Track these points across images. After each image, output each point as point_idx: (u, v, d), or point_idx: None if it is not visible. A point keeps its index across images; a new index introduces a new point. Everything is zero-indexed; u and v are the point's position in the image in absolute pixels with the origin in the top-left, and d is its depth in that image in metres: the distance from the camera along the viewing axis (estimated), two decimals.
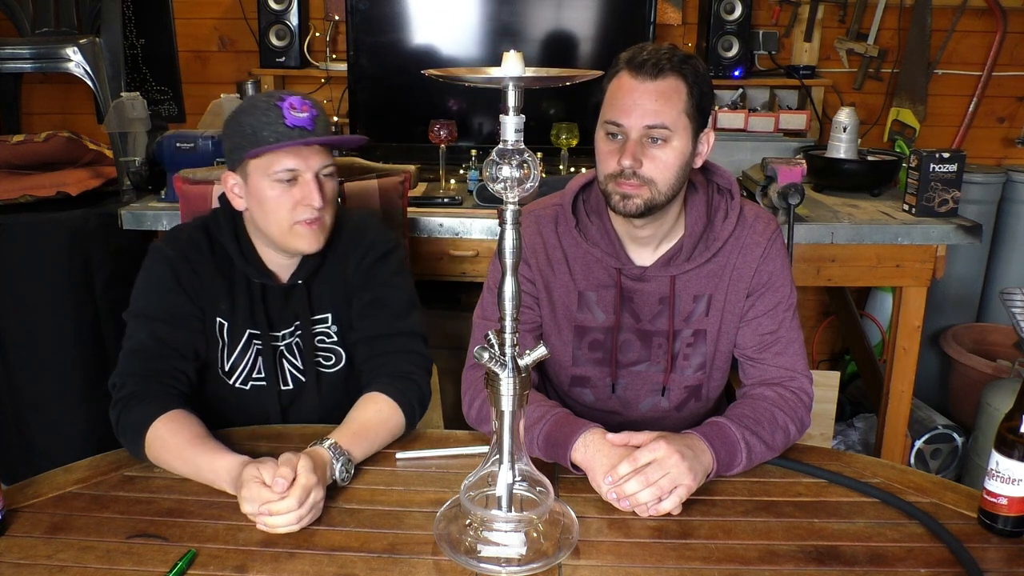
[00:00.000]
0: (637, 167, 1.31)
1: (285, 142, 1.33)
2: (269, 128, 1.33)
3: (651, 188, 1.32)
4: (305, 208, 1.37)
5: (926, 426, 2.75)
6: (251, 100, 1.39)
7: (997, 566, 1.07)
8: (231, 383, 1.48)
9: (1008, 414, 1.12)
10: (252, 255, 1.45)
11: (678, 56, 1.30)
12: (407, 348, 1.45)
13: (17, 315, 2.31)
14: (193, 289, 1.42)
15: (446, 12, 2.70)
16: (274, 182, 1.36)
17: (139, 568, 1.04)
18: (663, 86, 1.29)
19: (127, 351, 1.37)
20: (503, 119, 0.97)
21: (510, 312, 1.03)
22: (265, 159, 1.35)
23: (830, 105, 3.09)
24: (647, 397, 1.49)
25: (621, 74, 1.31)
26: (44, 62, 2.62)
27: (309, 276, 1.47)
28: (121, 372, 1.35)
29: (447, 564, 1.06)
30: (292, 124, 1.33)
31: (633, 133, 1.30)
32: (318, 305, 1.49)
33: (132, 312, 1.41)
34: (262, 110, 1.34)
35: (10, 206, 2.32)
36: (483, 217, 2.18)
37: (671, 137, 1.30)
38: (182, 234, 1.46)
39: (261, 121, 1.34)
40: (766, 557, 1.08)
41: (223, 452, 1.21)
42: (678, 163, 1.32)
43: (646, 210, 1.33)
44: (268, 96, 1.37)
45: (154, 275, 1.42)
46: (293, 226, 1.38)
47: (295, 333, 1.49)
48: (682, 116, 1.30)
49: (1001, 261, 3.17)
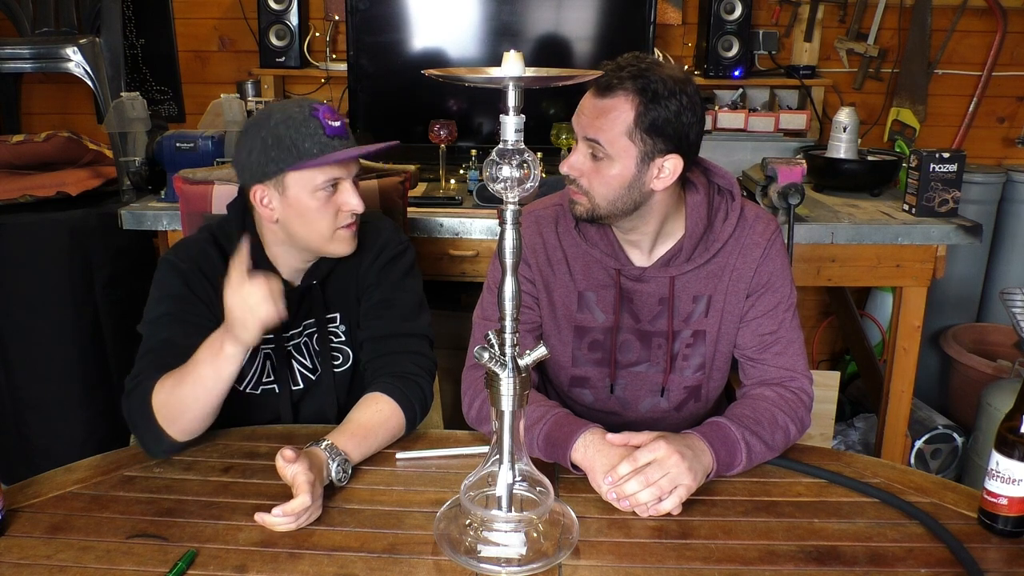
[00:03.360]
0: (575, 175, 1.32)
1: (335, 154, 1.32)
2: (311, 140, 1.32)
3: (590, 199, 1.33)
4: (346, 214, 1.39)
5: (926, 426, 2.75)
6: (283, 112, 1.35)
7: (997, 566, 1.07)
8: (241, 388, 1.48)
9: (1008, 414, 1.12)
10: (264, 262, 1.44)
11: (642, 79, 1.25)
12: (412, 349, 1.45)
13: (17, 315, 2.31)
14: (208, 299, 1.41)
15: (446, 12, 2.70)
16: (318, 192, 1.35)
17: (139, 568, 1.04)
18: (608, 104, 1.27)
19: (142, 353, 1.36)
20: (503, 119, 0.97)
21: (510, 312, 1.03)
22: (309, 172, 1.34)
23: (830, 105, 3.09)
24: (646, 398, 1.49)
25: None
26: (44, 62, 2.62)
27: (324, 277, 1.47)
28: (135, 373, 1.34)
29: (447, 564, 1.06)
30: (332, 134, 1.33)
31: (579, 142, 1.32)
32: (329, 304, 1.49)
33: (146, 321, 1.40)
34: (300, 122, 1.32)
35: (10, 206, 2.32)
36: (483, 217, 2.18)
37: (608, 157, 1.29)
38: (192, 246, 1.46)
39: (302, 133, 1.32)
40: (766, 557, 1.08)
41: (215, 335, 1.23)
42: (618, 183, 1.30)
43: (589, 218, 1.35)
44: (299, 107, 1.34)
45: (167, 285, 1.41)
46: (335, 232, 1.39)
47: (303, 332, 1.49)
48: (622, 138, 1.27)
49: (1001, 261, 3.17)
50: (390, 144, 1.44)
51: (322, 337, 1.48)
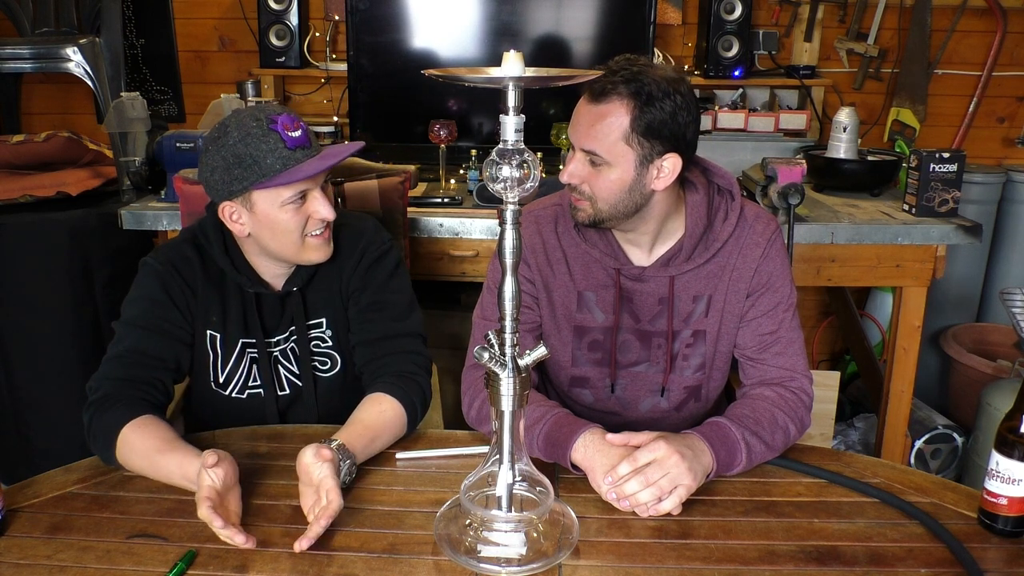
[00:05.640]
0: (576, 182, 1.32)
1: (300, 170, 1.30)
2: (273, 155, 1.28)
3: (593, 205, 1.33)
4: (318, 222, 1.37)
5: (926, 426, 2.75)
6: (241, 128, 1.29)
7: (997, 566, 1.07)
8: (227, 394, 1.48)
9: (1008, 414, 1.12)
10: (244, 266, 1.44)
11: (635, 82, 1.25)
12: (408, 348, 1.45)
13: (17, 315, 2.31)
14: (185, 303, 1.42)
15: (446, 12, 2.70)
16: (286, 206, 1.33)
17: (139, 568, 1.04)
18: (603, 110, 1.27)
19: (109, 356, 1.37)
20: (503, 119, 0.97)
21: (510, 312, 1.03)
22: (275, 188, 1.31)
23: (830, 105, 3.09)
24: (646, 398, 1.49)
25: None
26: (44, 62, 2.62)
27: (305, 282, 1.47)
28: (99, 376, 1.35)
29: (447, 564, 1.06)
30: (293, 145, 1.30)
31: (577, 151, 1.32)
32: (312, 310, 1.49)
33: (121, 321, 1.40)
34: (258, 137, 1.28)
35: (10, 206, 2.32)
36: (483, 217, 2.18)
37: (607, 164, 1.29)
38: (171, 249, 1.45)
39: (262, 149, 1.28)
40: (766, 557, 1.08)
41: (195, 455, 1.18)
42: (618, 187, 1.30)
43: (593, 223, 1.35)
44: (255, 120, 1.29)
45: (145, 288, 1.41)
46: (306, 241, 1.38)
47: (290, 338, 1.49)
48: (619, 144, 1.28)
49: (1001, 261, 3.17)
50: (355, 147, 1.41)
51: (302, 343, 1.48)
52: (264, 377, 1.48)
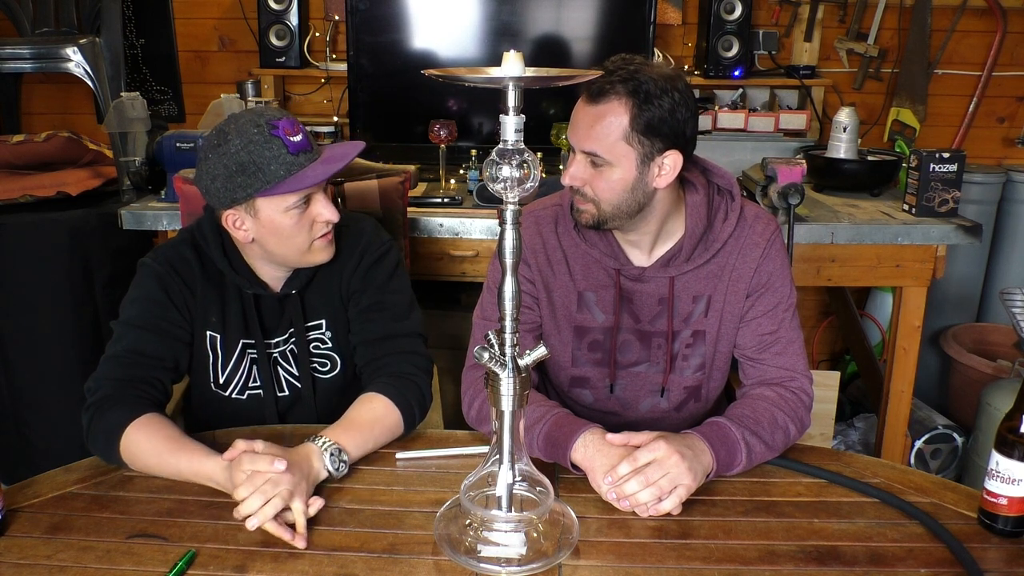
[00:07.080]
0: (578, 185, 1.32)
1: (306, 176, 1.29)
2: (277, 162, 1.28)
3: (596, 206, 1.33)
4: (322, 224, 1.37)
5: (926, 426, 2.75)
6: (242, 136, 1.28)
7: (997, 566, 1.07)
8: (227, 395, 1.48)
9: (1008, 414, 1.12)
10: (242, 267, 1.44)
11: (633, 81, 1.25)
12: (407, 349, 1.45)
13: (17, 315, 2.31)
14: (184, 303, 1.42)
15: (446, 12, 2.70)
16: (291, 211, 1.33)
17: (139, 568, 1.04)
18: (603, 110, 1.27)
19: (108, 356, 1.37)
20: (503, 119, 0.97)
21: (510, 312, 1.03)
22: (280, 194, 1.31)
23: (830, 105, 3.09)
24: (646, 398, 1.49)
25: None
26: (44, 62, 2.62)
27: (304, 284, 1.47)
28: (98, 376, 1.34)
29: (447, 564, 1.06)
30: (295, 150, 1.29)
31: (577, 154, 1.32)
32: (312, 311, 1.49)
33: (119, 321, 1.40)
34: (261, 144, 1.27)
35: (10, 206, 2.32)
36: (483, 217, 2.18)
37: (608, 164, 1.29)
38: (169, 249, 1.45)
39: (265, 156, 1.27)
40: (766, 557, 1.08)
41: (205, 452, 1.21)
42: (621, 187, 1.30)
43: (596, 224, 1.35)
44: (256, 127, 1.28)
45: (143, 288, 1.41)
46: (312, 244, 1.38)
47: (289, 340, 1.49)
48: (620, 144, 1.28)
49: (1001, 261, 3.17)
50: (358, 148, 1.39)
51: (302, 345, 1.48)
52: (263, 378, 1.48)
